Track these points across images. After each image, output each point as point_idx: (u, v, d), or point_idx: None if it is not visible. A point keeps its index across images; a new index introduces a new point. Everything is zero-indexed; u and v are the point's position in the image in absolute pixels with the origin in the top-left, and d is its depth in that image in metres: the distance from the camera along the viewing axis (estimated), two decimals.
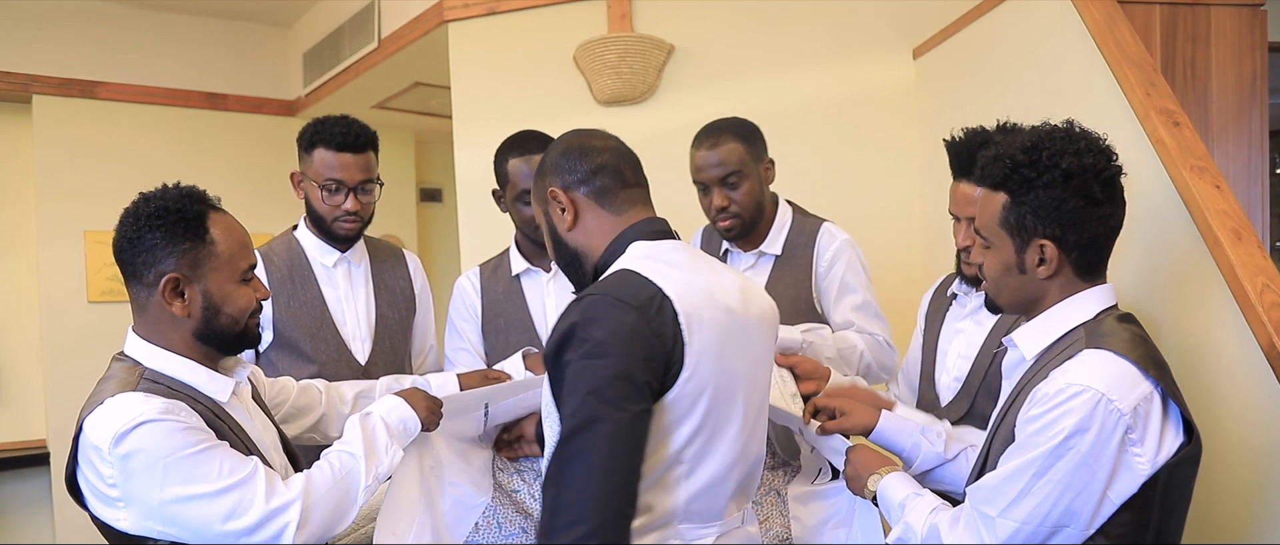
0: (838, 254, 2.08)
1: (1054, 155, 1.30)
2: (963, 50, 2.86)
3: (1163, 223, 1.89)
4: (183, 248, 1.41)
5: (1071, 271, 1.35)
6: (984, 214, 1.39)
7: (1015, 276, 1.37)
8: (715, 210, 2.05)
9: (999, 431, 1.37)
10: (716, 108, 3.14)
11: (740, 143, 2.03)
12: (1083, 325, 1.33)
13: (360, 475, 1.48)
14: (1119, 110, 2.03)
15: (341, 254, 2.18)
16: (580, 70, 3.25)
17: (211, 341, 1.47)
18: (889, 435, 1.70)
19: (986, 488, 1.29)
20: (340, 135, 2.07)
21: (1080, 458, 1.20)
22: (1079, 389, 1.21)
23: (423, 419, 1.62)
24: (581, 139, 1.44)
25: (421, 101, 4.66)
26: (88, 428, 1.34)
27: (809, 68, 3.13)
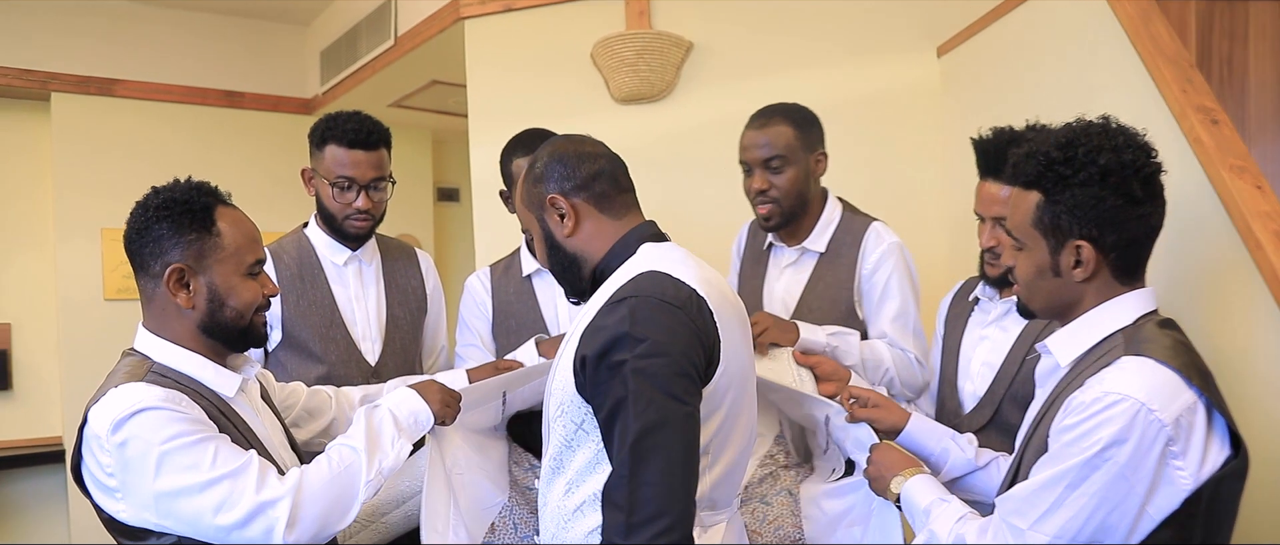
0: (884, 257, 1.97)
1: (1090, 151, 1.24)
2: (988, 48, 2.79)
3: (1200, 224, 1.83)
4: (188, 239, 1.42)
5: (1109, 274, 1.28)
6: (1016, 214, 1.33)
7: (1049, 279, 1.31)
8: (754, 193, 1.98)
9: (1031, 441, 1.31)
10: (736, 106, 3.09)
11: (791, 127, 1.96)
12: (1121, 331, 1.26)
13: (360, 470, 1.44)
14: (1154, 108, 1.96)
15: (352, 252, 2.15)
16: (597, 68, 3.20)
17: (216, 335, 1.46)
18: (918, 438, 1.65)
19: (1017, 498, 1.23)
20: (352, 131, 2.03)
21: (1118, 470, 1.14)
22: (1118, 398, 1.15)
23: (436, 412, 1.59)
24: (574, 145, 1.46)
25: (438, 100, 4.63)
26: (91, 417, 1.34)
27: (830, 66, 3.06)
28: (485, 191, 3.34)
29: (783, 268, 2.06)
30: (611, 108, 3.23)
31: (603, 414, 1.27)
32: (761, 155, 1.95)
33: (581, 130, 2.22)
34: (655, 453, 1.21)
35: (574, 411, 1.33)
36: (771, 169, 1.95)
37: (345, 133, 2.03)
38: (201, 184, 1.48)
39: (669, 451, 1.22)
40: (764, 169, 1.96)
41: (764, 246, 2.12)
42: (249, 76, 4.73)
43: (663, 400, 1.23)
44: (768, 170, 1.95)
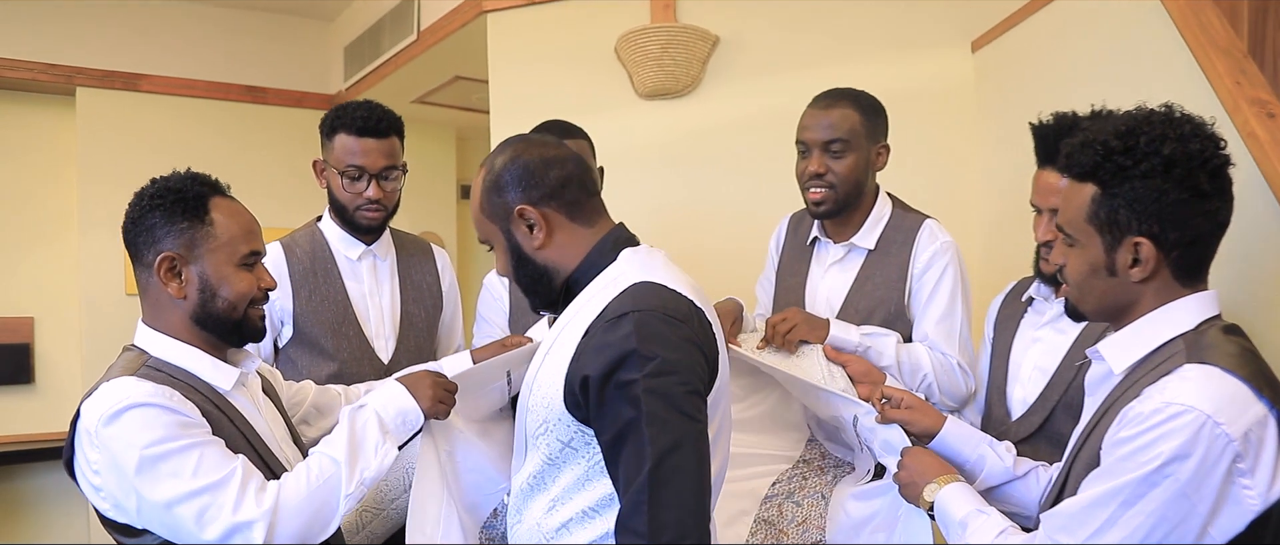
0: (937, 255, 1.85)
1: (1154, 140, 1.14)
2: (1025, 43, 2.70)
3: (1255, 223, 1.73)
4: (180, 227, 1.40)
5: (1169, 274, 1.19)
6: (1068, 208, 1.23)
7: (1103, 279, 1.21)
8: (809, 176, 1.86)
9: (1080, 454, 1.22)
10: (763, 102, 3.05)
11: (858, 113, 1.86)
12: (1182, 336, 1.16)
13: (340, 483, 1.38)
14: (1205, 101, 1.86)
15: (366, 246, 2.09)
16: (621, 62, 3.14)
17: (209, 327, 1.44)
18: (953, 443, 1.56)
19: (1065, 514, 1.15)
20: (361, 119, 1.98)
21: (1178, 488, 1.05)
22: (1181, 409, 1.06)
23: (427, 409, 1.52)
24: (537, 149, 1.36)
25: (462, 96, 4.60)
26: (82, 411, 1.32)
27: (861, 61, 2.98)
28: None
29: (827, 266, 1.96)
30: (635, 103, 3.17)
31: (608, 435, 1.20)
32: (822, 136, 1.85)
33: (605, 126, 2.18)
34: (675, 475, 1.16)
35: (560, 430, 1.27)
36: (831, 153, 1.85)
37: (354, 120, 1.98)
38: (198, 175, 1.46)
39: (687, 473, 1.17)
40: (823, 152, 1.85)
41: (808, 241, 2.01)
42: (273, 72, 4.73)
43: (677, 420, 1.18)
44: (827, 153, 1.85)
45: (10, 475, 4.24)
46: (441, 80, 4.35)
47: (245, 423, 1.44)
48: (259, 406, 1.51)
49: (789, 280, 2.01)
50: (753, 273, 2.24)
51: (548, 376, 1.29)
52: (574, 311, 1.32)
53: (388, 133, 2.02)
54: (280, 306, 2.00)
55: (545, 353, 1.32)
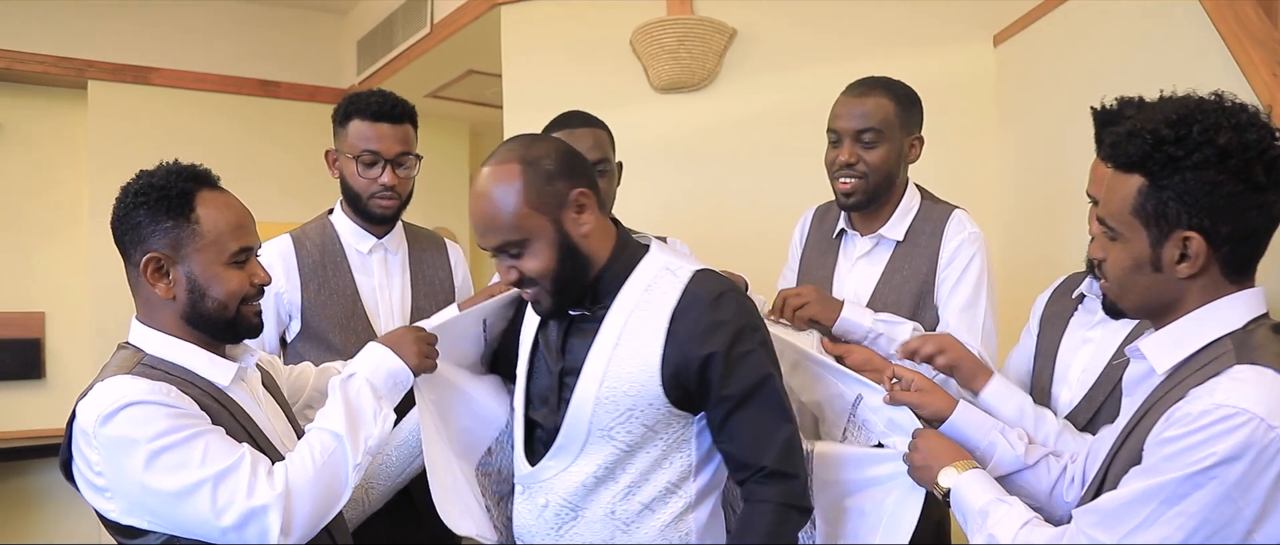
0: (963, 245, 1.81)
1: (1208, 130, 1.08)
2: (1048, 36, 2.65)
3: None
4: (165, 226, 1.36)
5: (1218, 271, 1.13)
6: (1112, 200, 1.17)
7: (1147, 275, 1.15)
8: (840, 166, 1.82)
9: (1120, 454, 1.17)
10: (781, 97, 3.00)
11: (893, 102, 1.82)
12: (1229, 336, 1.11)
13: (346, 455, 1.38)
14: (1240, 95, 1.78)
15: (378, 240, 2.06)
16: (636, 55, 3.09)
17: (201, 327, 1.40)
18: (964, 429, 1.51)
19: (1102, 510, 1.10)
20: (376, 104, 1.97)
21: (1224, 490, 1.00)
22: (1232, 411, 1.01)
23: (414, 366, 1.53)
24: (563, 142, 1.47)
25: (475, 91, 4.57)
26: (78, 412, 1.28)
27: (881, 55, 2.92)
28: None
29: (855, 258, 1.91)
30: (651, 97, 3.12)
31: (732, 402, 1.38)
32: (855, 125, 1.80)
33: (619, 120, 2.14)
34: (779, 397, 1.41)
35: (647, 415, 1.39)
36: (863, 142, 1.81)
37: (369, 106, 1.97)
38: (184, 168, 1.41)
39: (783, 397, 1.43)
40: (855, 141, 1.81)
41: (834, 234, 1.96)
42: (285, 65, 4.70)
43: (779, 377, 1.44)
44: (859, 143, 1.81)
45: (22, 471, 4.22)
46: (454, 74, 4.32)
47: (246, 416, 1.41)
48: (259, 401, 1.48)
49: (815, 273, 1.97)
50: (768, 267, 2.19)
51: (628, 367, 1.38)
52: (632, 303, 1.40)
53: (402, 119, 1.99)
54: (288, 300, 1.97)
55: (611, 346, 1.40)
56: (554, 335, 1.49)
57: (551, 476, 1.46)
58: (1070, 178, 2.43)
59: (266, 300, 1.94)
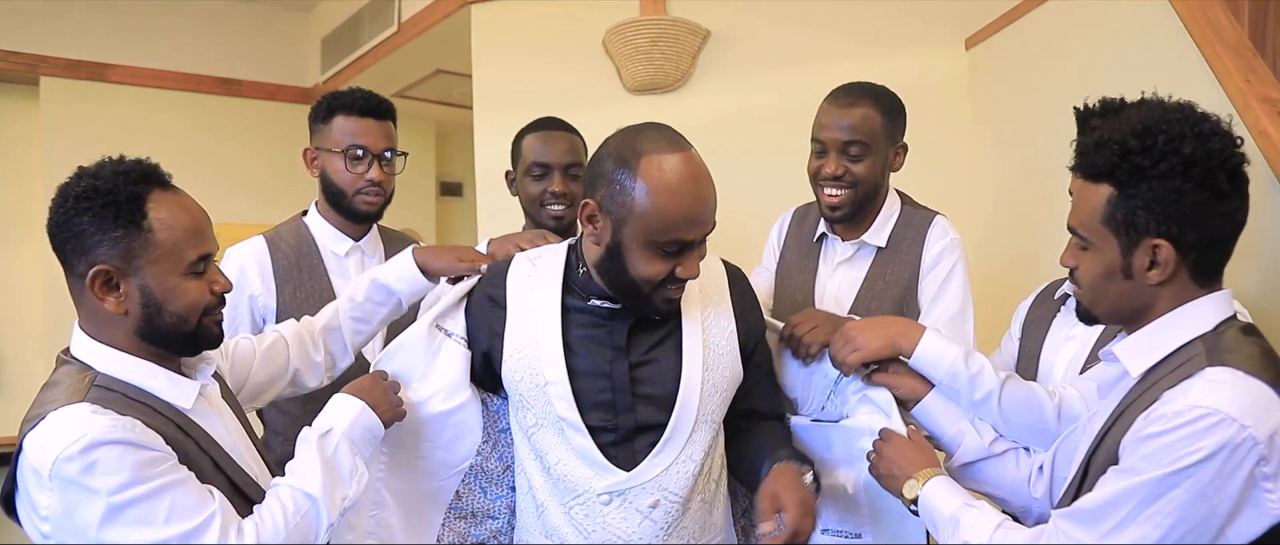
0: (945, 251, 1.81)
1: (1172, 140, 1.11)
2: (1021, 40, 2.67)
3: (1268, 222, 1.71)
4: (114, 236, 1.21)
5: (1187, 276, 1.15)
6: (1082, 209, 1.20)
7: (1118, 282, 1.18)
8: (827, 177, 1.80)
9: (1096, 455, 1.19)
10: (755, 98, 2.99)
11: (880, 113, 1.80)
12: (1201, 338, 1.14)
13: (320, 517, 1.30)
14: (1213, 100, 1.83)
15: (355, 242, 2.03)
16: (609, 56, 3.06)
17: (159, 343, 1.27)
18: (935, 414, 1.55)
19: (1081, 512, 1.11)
20: (362, 100, 1.96)
21: (1199, 488, 1.03)
22: (1205, 412, 1.03)
23: (387, 420, 1.47)
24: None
25: (443, 91, 4.52)
26: (27, 448, 1.14)
27: (854, 57, 2.93)
28: (490, 185, 3.20)
29: (836, 264, 1.90)
30: (623, 98, 3.09)
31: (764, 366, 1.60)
32: (842, 137, 1.78)
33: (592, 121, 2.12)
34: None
35: (730, 391, 1.49)
36: (851, 155, 1.79)
37: (355, 102, 1.95)
38: (131, 166, 1.26)
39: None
40: (842, 153, 1.79)
41: (815, 239, 1.95)
42: (247, 63, 4.60)
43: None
44: (846, 155, 1.79)
45: None
46: (422, 74, 4.27)
47: (211, 442, 1.29)
48: (220, 412, 1.37)
49: (796, 277, 1.96)
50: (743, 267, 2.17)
51: (722, 349, 1.47)
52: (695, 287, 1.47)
53: (387, 115, 2.00)
54: (263, 303, 1.93)
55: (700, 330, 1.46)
56: (615, 334, 1.44)
57: (658, 474, 1.41)
58: (1045, 180, 2.45)
59: (239, 303, 1.91)
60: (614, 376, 1.42)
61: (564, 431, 1.42)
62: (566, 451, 1.42)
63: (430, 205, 5.27)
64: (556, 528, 1.45)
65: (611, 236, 1.35)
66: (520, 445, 1.51)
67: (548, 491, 1.45)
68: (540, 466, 1.46)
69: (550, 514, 1.45)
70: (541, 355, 1.42)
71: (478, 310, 1.53)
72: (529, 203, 2.02)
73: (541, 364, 1.42)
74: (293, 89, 4.71)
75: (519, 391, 1.46)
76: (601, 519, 1.41)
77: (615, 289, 1.40)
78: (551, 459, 1.44)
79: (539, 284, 1.47)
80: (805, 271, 1.94)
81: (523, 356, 1.44)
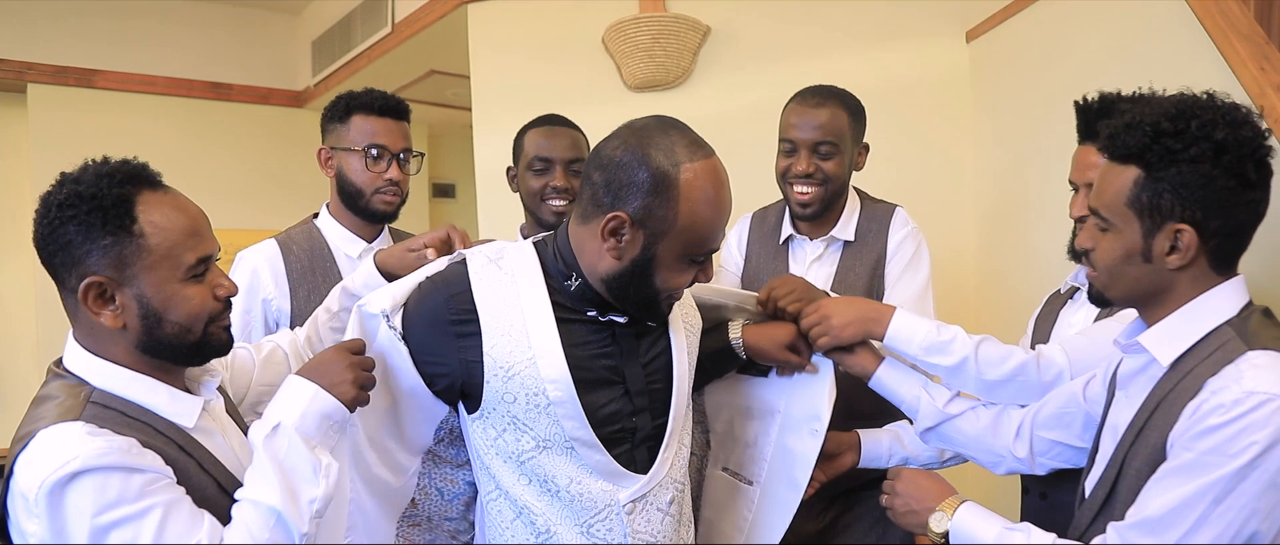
0: (907, 238, 1.90)
1: (1206, 125, 1.11)
2: (1022, 33, 2.66)
3: None
4: (103, 244, 1.13)
5: (1205, 263, 1.15)
6: (1106, 190, 1.19)
7: (1137, 265, 1.17)
8: (798, 175, 1.85)
9: (1135, 448, 1.17)
10: (755, 94, 2.97)
11: (847, 114, 1.86)
12: (1228, 324, 1.13)
13: (289, 530, 1.15)
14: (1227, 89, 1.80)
15: (368, 244, 2.00)
16: (609, 54, 3.04)
17: (163, 355, 1.19)
18: (889, 385, 1.57)
19: (1149, 521, 1.09)
20: (380, 100, 1.94)
21: (1270, 477, 1.02)
22: (1265, 397, 1.02)
23: (349, 401, 1.25)
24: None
25: (436, 92, 4.49)
26: (18, 471, 1.07)
27: (855, 52, 2.93)
28: (490, 184, 3.17)
29: (808, 263, 1.94)
30: (624, 95, 3.07)
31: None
32: (812, 137, 1.84)
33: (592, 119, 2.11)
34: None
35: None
36: (820, 154, 1.85)
37: (373, 101, 1.94)
38: (116, 167, 1.17)
39: None
40: (812, 152, 1.85)
41: (781, 241, 1.98)
42: (237, 67, 4.57)
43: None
44: (816, 154, 1.85)
45: None
46: (415, 75, 4.24)
47: (215, 462, 1.22)
48: (225, 429, 1.29)
49: (765, 280, 1.95)
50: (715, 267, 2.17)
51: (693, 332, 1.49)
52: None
53: (405, 115, 1.99)
54: (277, 307, 1.90)
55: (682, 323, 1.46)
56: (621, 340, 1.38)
57: (669, 469, 1.41)
58: (1045, 172, 2.45)
59: (252, 308, 1.88)
60: (630, 383, 1.37)
61: (575, 450, 1.32)
62: (579, 470, 1.33)
63: (423, 207, 5.24)
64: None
65: (641, 251, 1.26)
66: (505, 474, 1.35)
67: (557, 515, 1.34)
68: (542, 492, 1.34)
69: (562, 537, 1.35)
70: (541, 373, 1.30)
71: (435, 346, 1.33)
72: (530, 197, 2.02)
73: (542, 383, 1.29)
74: (284, 92, 4.66)
75: (510, 415, 1.32)
76: (627, 528, 1.36)
77: (624, 301, 1.33)
78: (561, 481, 1.33)
79: (518, 293, 1.33)
80: (775, 273, 1.97)
81: (514, 377, 1.30)
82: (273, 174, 4.44)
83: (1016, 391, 1.50)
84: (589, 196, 1.28)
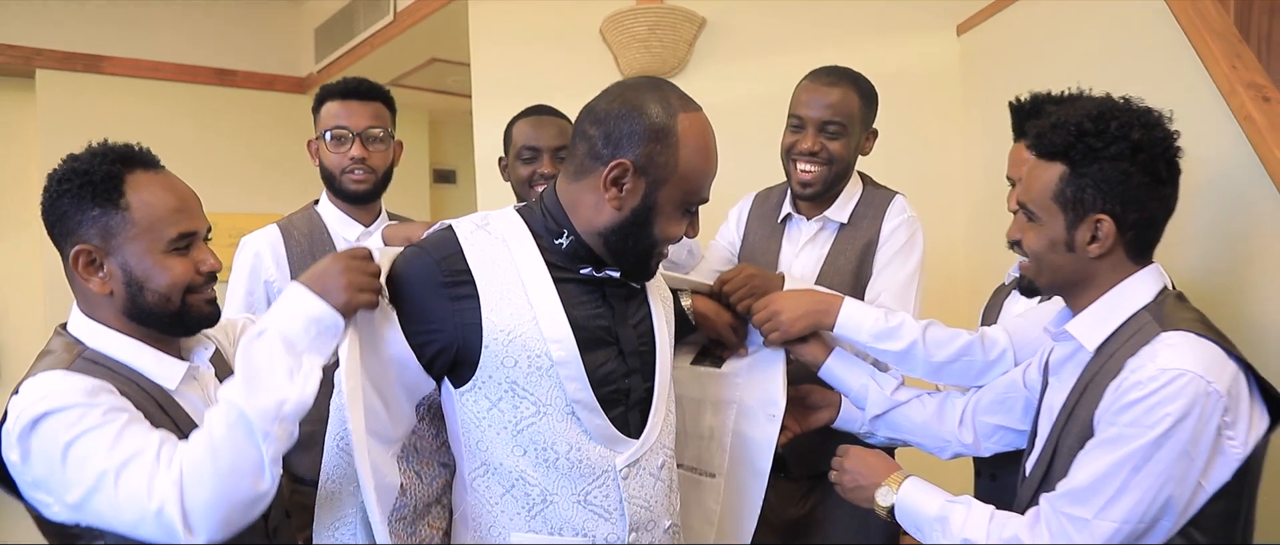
0: (902, 226, 1.89)
1: (1124, 126, 1.22)
2: (1011, 27, 2.72)
3: (1251, 204, 1.76)
4: (92, 215, 1.24)
5: (1123, 252, 1.26)
6: (1034, 186, 1.29)
7: (1061, 254, 1.28)
8: (802, 152, 1.85)
9: (1068, 428, 1.26)
10: (750, 85, 3.02)
11: (858, 97, 1.86)
12: (1145, 309, 1.24)
13: (251, 430, 1.12)
14: (1200, 85, 1.89)
15: (365, 227, 2.08)
16: (607, 44, 3.10)
17: (146, 322, 1.28)
18: (838, 375, 1.65)
19: (1076, 491, 1.18)
20: (344, 84, 2.04)
21: (1181, 446, 1.12)
22: (1177, 373, 1.12)
23: (342, 304, 1.21)
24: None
25: (437, 79, 4.53)
26: (9, 410, 1.17)
27: (847, 45, 2.97)
28: (489, 171, 3.23)
29: (801, 244, 1.96)
30: None
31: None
32: (821, 115, 1.84)
33: None
34: None
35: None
36: (829, 133, 1.84)
37: (339, 87, 2.04)
38: (112, 148, 1.28)
39: None
40: (820, 131, 1.85)
41: (779, 220, 2.01)
42: (242, 54, 4.61)
43: None
44: (824, 133, 1.85)
45: None
46: (417, 62, 4.28)
47: (191, 425, 1.27)
48: (208, 396, 1.34)
49: (759, 259, 2.02)
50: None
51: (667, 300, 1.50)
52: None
53: (370, 96, 2.05)
54: (278, 288, 1.99)
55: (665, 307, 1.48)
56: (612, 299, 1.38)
57: (659, 434, 1.41)
58: None
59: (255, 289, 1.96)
60: (623, 344, 1.37)
61: (576, 414, 1.30)
62: (579, 435, 1.31)
63: (424, 193, 5.29)
64: (568, 520, 1.32)
65: (642, 199, 1.28)
66: (498, 446, 1.31)
67: (554, 484, 1.31)
68: (539, 461, 1.31)
69: (558, 508, 1.32)
70: (543, 334, 1.27)
71: (427, 310, 1.29)
72: (519, 184, 2.08)
73: (545, 344, 1.27)
74: (287, 79, 4.71)
75: (509, 381, 1.28)
76: (623, 493, 1.34)
77: (620, 255, 1.33)
78: (561, 448, 1.30)
79: (511, 255, 1.31)
80: (769, 251, 2.00)
81: (515, 339, 1.27)
82: (276, 159, 4.49)
83: (963, 370, 1.57)
84: (585, 151, 1.29)
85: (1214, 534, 1.16)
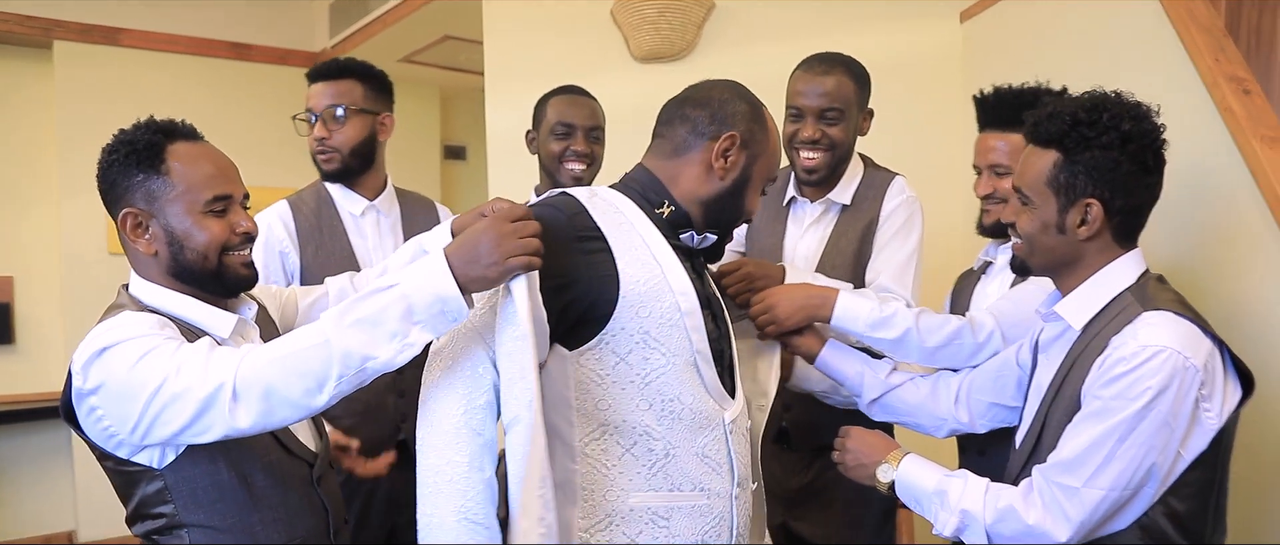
0: (901, 205, 1.93)
1: (1115, 116, 1.30)
2: (1013, 14, 2.78)
3: (1230, 195, 1.83)
4: (137, 180, 1.35)
5: (1110, 236, 1.34)
6: (1028, 172, 1.37)
7: (1053, 236, 1.36)
8: (804, 141, 1.89)
9: (1056, 402, 1.35)
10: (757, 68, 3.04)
11: (852, 81, 1.91)
12: (1129, 290, 1.32)
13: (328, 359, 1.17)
14: (1185, 76, 1.96)
15: (370, 202, 2.16)
16: (617, 25, 3.17)
17: (189, 280, 1.38)
18: (834, 364, 1.70)
19: (1065, 461, 1.26)
20: (314, 68, 2.11)
21: (1162, 417, 1.20)
22: (1157, 349, 1.21)
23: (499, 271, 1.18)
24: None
25: (449, 56, 4.58)
26: (81, 347, 1.27)
27: (852, 30, 3.04)
28: (502, 148, 3.31)
29: (805, 226, 2.01)
30: (631, 66, 3.20)
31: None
32: (819, 104, 1.88)
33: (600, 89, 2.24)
34: None
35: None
36: (827, 120, 1.89)
37: (311, 70, 2.11)
38: (156, 122, 1.39)
39: None
40: (819, 118, 1.89)
41: (784, 203, 2.06)
42: (257, 28, 4.66)
43: None
44: (823, 120, 1.89)
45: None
46: (430, 39, 4.33)
47: None
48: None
49: (764, 241, 2.06)
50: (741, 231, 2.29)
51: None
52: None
53: (335, 75, 2.10)
54: (292, 261, 2.07)
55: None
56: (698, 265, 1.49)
57: (741, 397, 1.47)
58: None
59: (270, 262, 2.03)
60: (714, 307, 1.45)
61: (697, 367, 1.35)
62: (699, 388, 1.35)
63: (435, 169, 5.35)
64: (687, 474, 1.34)
65: (741, 172, 1.41)
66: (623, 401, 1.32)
67: (678, 435, 1.34)
68: (664, 413, 1.33)
69: (678, 460, 1.34)
70: (673, 285, 1.33)
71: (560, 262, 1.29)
72: (550, 160, 2.13)
73: (674, 296, 1.33)
74: (301, 53, 4.76)
75: (642, 331, 1.31)
76: (731, 446, 1.39)
77: (715, 224, 1.44)
78: (687, 399, 1.34)
79: (628, 218, 1.37)
80: (773, 235, 2.05)
81: (651, 290, 1.31)
82: (289, 133, 4.47)
83: (954, 353, 1.65)
84: (687, 130, 1.41)
85: (1191, 501, 1.24)
